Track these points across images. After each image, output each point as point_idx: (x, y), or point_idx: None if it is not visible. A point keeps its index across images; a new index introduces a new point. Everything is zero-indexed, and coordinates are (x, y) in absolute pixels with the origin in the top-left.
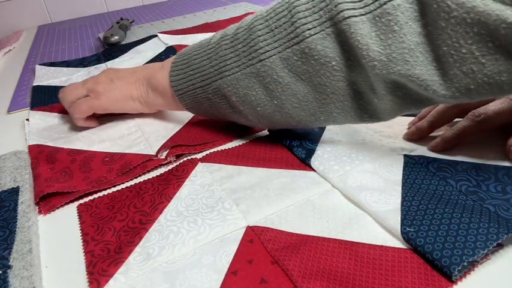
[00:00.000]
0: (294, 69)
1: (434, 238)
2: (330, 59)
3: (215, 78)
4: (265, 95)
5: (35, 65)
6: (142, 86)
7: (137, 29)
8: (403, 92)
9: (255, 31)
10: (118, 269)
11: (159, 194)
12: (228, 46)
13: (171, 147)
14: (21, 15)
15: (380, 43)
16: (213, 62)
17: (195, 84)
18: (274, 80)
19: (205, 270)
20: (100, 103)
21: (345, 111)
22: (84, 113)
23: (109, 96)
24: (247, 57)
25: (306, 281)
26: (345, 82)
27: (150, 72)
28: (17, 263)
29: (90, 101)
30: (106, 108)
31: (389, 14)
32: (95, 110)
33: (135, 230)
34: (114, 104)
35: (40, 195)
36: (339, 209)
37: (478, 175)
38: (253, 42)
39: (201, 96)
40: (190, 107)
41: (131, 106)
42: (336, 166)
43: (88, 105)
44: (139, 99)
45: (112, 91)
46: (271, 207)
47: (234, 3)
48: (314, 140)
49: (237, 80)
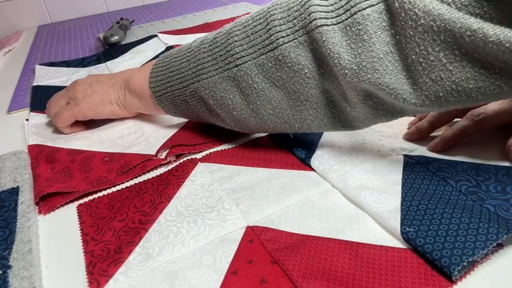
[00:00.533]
0: (269, 75)
1: (434, 238)
2: (302, 66)
3: (192, 80)
4: (242, 100)
5: (35, 65)
6: (120, 89)
7: (137, 29)
8: (374, 101)
9: (233, 36)
10: (118, 269)
11: (159, 194)
12: (207, 49)
13: (170, 147)
14: (21, 15)
15: (351, 52)
16: (192, 64)
17: (172, 86)
18: (249, 85)
19: (205, 270)
20: (79, 109)
21: (318, 119)
22: (66, 121)
23: (88, 101)
24: (224, 61)
25: (306, 281)
26: (317, 90)
27: (128, 75)
28: (17, 263)
29: (71, 108)
30: (85, 113)
31: (359, 23)
32: (76, 117)
33: (135, 230)
34: (93, 109)
35: (40, 195)
36: (338, 209)
37: (478, 175)
38: (230, 46)
39: (179, 99)
40: (167, 109)
41: (110, 109)
42: (335, 166)
43: (69, 113)
44: (117, 102)
45: (91, 96)
46: (271, 207)
47: (234, 3)
48: (314, 140)
49: (214, 83)
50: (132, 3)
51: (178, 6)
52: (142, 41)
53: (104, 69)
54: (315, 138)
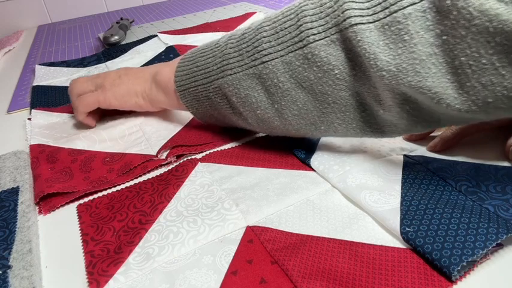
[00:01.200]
0: (295, 75)
1: (433, 238)
2: (333, 66)
3: (217, 76)
4: (266, 98)
5: (35, 65)
6: (147, 82)
7: (137, 29)
8: (411, 107)
9: (261, 32)
10: (118, 269)
11: (158, 194)
12: (234, 45)
13: (171, 148)
14: (21, 15)
15: (389, 52)
16: (217, 60)
17: (197, 81)
18: (275, 84)
19: (205, 270)
20: (105, 97)
21: (347, 123)
22: (88, 106)
23: (114, 91)
24: (250, 58)
25: (305, 281)
26: (347, 92)
27: (156, 69)
28: (16, 263)
29: (96, 95)
30: (110, 102)
31: (399, 22)
32: (100, 104)
33: (135, 230)
34: (118, 99)
35: (40, 195)
36: (338, 209)
37: (478, 175)
38: (258, 43)
39: (202, 95)
40: (190, 105)
41: (135, 101)
42: (335, 166)
43: (93, 99)
44: (143, 95)
45: (118, 86)
46: (271, 207)
47: (234, 3)
48: (314, 139)
49: (238, 80)
50: (132, 3)
51: (178, 6)
52: (142, 41)
53: (103, 69)
54: (314, 139)
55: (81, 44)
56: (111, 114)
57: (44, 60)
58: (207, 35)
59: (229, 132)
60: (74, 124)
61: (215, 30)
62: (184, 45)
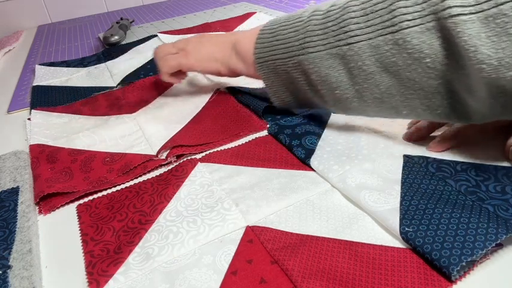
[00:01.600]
0: (382, 59)
1: (433, 238)
2: (425, 55)
3: (298, 52)
4: (347, 79)
5: (35, 65)
6: (228, 49)
7: (137, 29)
8: (507, 99)
9: (349, 12)
10: (117, 269)
11: (158, 194)
12: (318, 22)
13: (171, 148)
14: (21, 15)
15: (491, 45)
16: (299, 36)
17: (276, 55)
18: (358, 66)
19: (204, 270)
20: (187, 61)
21: (431, 109)
22: (171, 68)
23: (195, 55)
24: (335, 38)
25: (305, 280)
26: (437, 80)
27: (237, 37)
28: (16, 263)
29: (178, 58)
30: (191, 66)
31: (506, 15)
32: (182, 67)
33: (135, 230)
34: (199, 63)
35: (40, 195)
36: (338, 209)
37: (478, 175)
38: (345, 23)
39: (280, 68)
40: (266, 77)
41: (214, 67)
42: (335, 166)
43: (176, 62)
44: (222, 61)
45: (199, 51)
46: (270, 207)
47: (234, 3)
48: (314, 139)
49: (320, 58)
50: (132, 3)
51: (178, 6)
52: (142, 41)
53: (104, 69)
54: (314, 137)
55: (81, 44)
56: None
57: (44, 60)
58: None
59: (229, 132)
60: (74, 124)
61: (215, 30)
62: None
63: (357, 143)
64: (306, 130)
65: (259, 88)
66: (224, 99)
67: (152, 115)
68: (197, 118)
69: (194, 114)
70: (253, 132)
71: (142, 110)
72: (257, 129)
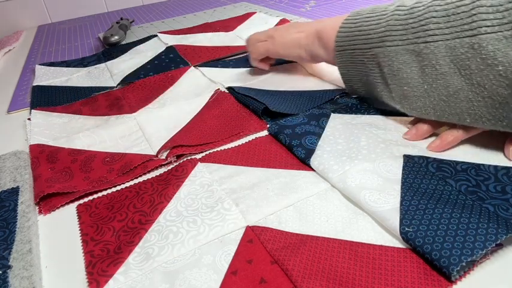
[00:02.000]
0: (456, 61)
1: (433, 238)
2: (498, 62)
3: (376, 44)
4: (418, 77)
5: (35, 65)
6: (311, 36)
7: (137, 29)
8: None
9: (431, 11)
10: (117, 269)
11: (158, 194)
12: (400, 18)
13: (171, 148)
14: (21, 15)
15: None
16: (380, 28)
17: (356, 45)
18: (432, 65)
19: (204, 270)
20: (273, 47)
21: (496, 119)
22: (260, 54)
23: (282, 42)
24: (414, 34)
25: (305, 280)
26: (507, 90)
27: (322, 24)
28: (16, 263)
29: (266, 45)
30: (277, 52)
31: None
32: (269, 53)
33: (135, 230)
34: (283, 49)
35: (40, 195)
36: (338, 209)
37: (478, 175)
38: (425, 21)
39: (358, 59)
40: (343, 66)
41: (298, 53)
42: (335, 166)
43: (264, 48)
44: (305, 48)
45: (285, 38)
46: (270, 207)
47: (234, 3)
48: (314, 139)
49: (396, 53)
50: (132, 3)
51: (178, 6)
52: (142, 41)
53: (104, 69)
54: (314, 137)
55: (81, 44)
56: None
57: (44, 60)
58: (207, 35)
59: (229, 132)
60: (74, 124)
61: (215, 30)
62: (184, 45)
63: (356, 143)
64: (306, 130)
65: (259, 88)
66: (224, 99)
67: (152, 115)
68: (197, 118)
69: (194, 114)
70: (253, 132)
71: (142, 110)
72: (257, 129)
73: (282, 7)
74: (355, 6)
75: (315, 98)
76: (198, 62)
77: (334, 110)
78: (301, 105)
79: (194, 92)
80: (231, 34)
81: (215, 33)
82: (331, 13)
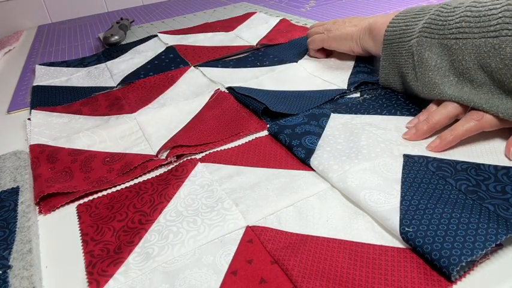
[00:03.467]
0: (479, 59)
1: (433, 238)
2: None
3: (415, 36)
4: (445, 67)
5: (35, 65)
6: (363, 29)
7: (137, 29)
8: None
9: (467, 11)
10: (117, 269)
11: (158, 194)
12: (442, 14)
13: (171, 148)
14: (21, 15)
15: None
16: (421, 22)
17: (401, 38)
18: (459, 60)
19: (204, 270)
20: (328, 39)
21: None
22: (315, 45)
23: (336, 34)
24: (449, 30)
25: (305, 280)
26: None
27: (375, 19)
28: (17, 263)
29: (322, 37)
30: (331, 44)
31: None
32: (323, 44)
33: (135, 230)
34: (337, 41)
35: (40, 195)
36: (338, 209)
37: (478, 175)
38: (460, 19)
39: (398, 51)
40: (385, 58)
41: (349, 45)
42: (335, 166)
43: (320, 40)
44: (356, 40)
45: (339, 31)
46: (270, 207)
47: (234, 3)
48: (314, 139)
49: (430, 44)
50: (132, 3)
51: (178, 6)
52: (142, 41)
53: (104, 69)
54: (314, 137)
55: (81, 44)
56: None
57: (44, 60)
58: (207, 35)
59: (229, 132)
60: (74, 124)
61: (215, 30)
62: (184, 45)
63: (356, 143)
64: (305, 130)
65: (259, 88)
66: (224, 99)
67: (152, 115)
68: (197, 118)
69: (194, 114)
70: (253, 132)
71: (142, 110)
72: (257, 129)
73: (282, 7)
74: (355, 6)
75: (315, 98)
76: (198, 62)
77: (334, 110)
78: (301, 105)
79: (194, 92)
80: (231, 34)
81: (215, 33)
82: (331, 13)
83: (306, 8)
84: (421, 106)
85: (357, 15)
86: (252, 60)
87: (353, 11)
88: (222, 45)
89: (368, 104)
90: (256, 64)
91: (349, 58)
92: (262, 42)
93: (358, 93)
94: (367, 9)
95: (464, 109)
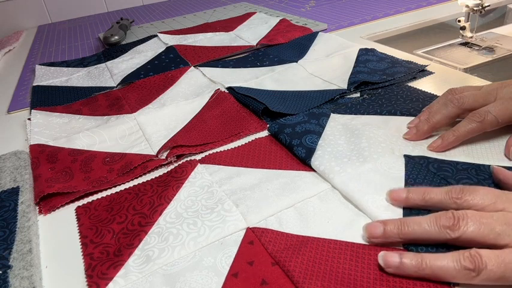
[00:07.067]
0: None
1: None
2: None
3: None
4: None
5: (35, 65)
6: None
7: (137, 29)
8: None
9: None
10: (117, 272)
11: (158, 195)
12: None
13: (171, 148)
14: (21, 15)
15: None
16: None
17: None
18: None
19: (205, 273)
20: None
21: None
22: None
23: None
24: None
25: (307, 282)
26: None
27: None
28: (17, 263)
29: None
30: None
31: None
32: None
33: (135, 233)
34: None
35: (41, 195)
36: (339, 210)
37: (478, 175)
38: None
39: None
40: None
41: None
42: (336, 167)
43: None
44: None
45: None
46: (271, 208)
47: (234, 3)
48: (314, 138)
49: None
50: (132, 3)
51: (178, 6)
52: (142, 41)
53: (104, 69)
54: (315, 137)
55: (81, 44)
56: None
57: (44, 60)
58: (207, 35)
59: (229, 132)
60: (74, 124)
61: (215, 30)
62: (184, 45)
63: (357, 145)
64: (306, 129)
65: (259, 88)
66: (224, 99)
67: (152, 115)
68: (197, 118)
69: (194, 114)
70: (253, 132)
71: (142, 110)
72: (257, 129)
73: (282, 7)
74: (354, 6)
75: (315, 98)
76: (198, 62)
77: (334, 110)
78: (301, 105)
79: (194, 92)
80: (231, 34)
81: (215, 33)
82: (331, 13)
83: (306, 8)
84: (421, 106)
85: (357, 16)
86: (252, 60)
87: (353, 11)
88: (222, 45)
89: (368, 104)
90: (256, 64)
91: (349, 58)
92: (262, 42)
93: (358, 93)
94: (367, 9)
95: (465, 109)
